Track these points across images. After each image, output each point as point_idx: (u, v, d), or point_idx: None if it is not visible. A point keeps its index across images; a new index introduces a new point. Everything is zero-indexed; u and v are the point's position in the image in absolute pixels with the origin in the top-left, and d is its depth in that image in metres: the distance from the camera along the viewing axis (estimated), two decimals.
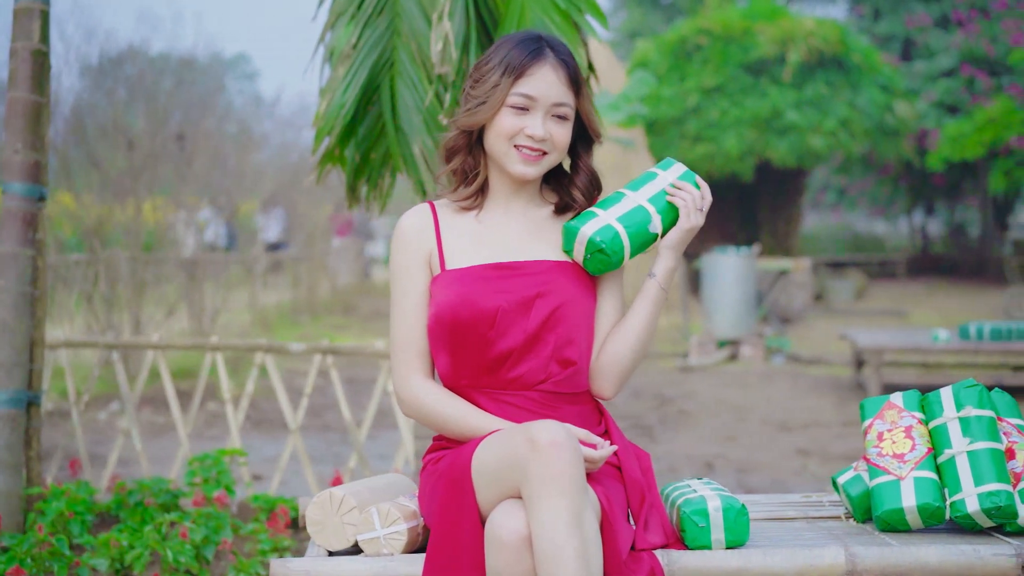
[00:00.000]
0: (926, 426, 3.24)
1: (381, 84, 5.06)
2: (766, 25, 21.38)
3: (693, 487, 3.17)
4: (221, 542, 4.97)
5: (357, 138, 5.11)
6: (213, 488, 5.54)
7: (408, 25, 5.00)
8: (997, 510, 3.06)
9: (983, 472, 3.09)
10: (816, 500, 3.54)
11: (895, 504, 3.12)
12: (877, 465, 3.19)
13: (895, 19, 28.51)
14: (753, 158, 21.42)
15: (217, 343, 6.24)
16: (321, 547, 3.10)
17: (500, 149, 3.09)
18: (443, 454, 3.08)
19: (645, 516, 2.98)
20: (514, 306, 3.01)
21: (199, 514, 5.04)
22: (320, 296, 18.64)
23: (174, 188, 12.93)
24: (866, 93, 21.59)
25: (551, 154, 3.09)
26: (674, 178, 3.14)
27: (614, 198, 3.13)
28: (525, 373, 3.02)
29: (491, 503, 2.81)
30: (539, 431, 2.71)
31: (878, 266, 28.84)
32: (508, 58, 3.08)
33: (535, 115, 3.06)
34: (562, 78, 3.07)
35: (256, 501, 5.68)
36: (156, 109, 11.73)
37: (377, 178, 5.25)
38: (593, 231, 3.04)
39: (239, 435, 6.35)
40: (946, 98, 25.41)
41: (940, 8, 27.87)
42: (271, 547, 5.09)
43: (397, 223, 3.18)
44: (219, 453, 5.69)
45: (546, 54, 3.07)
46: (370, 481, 3.27)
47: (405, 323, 3.12)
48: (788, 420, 10.07)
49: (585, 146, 3.18)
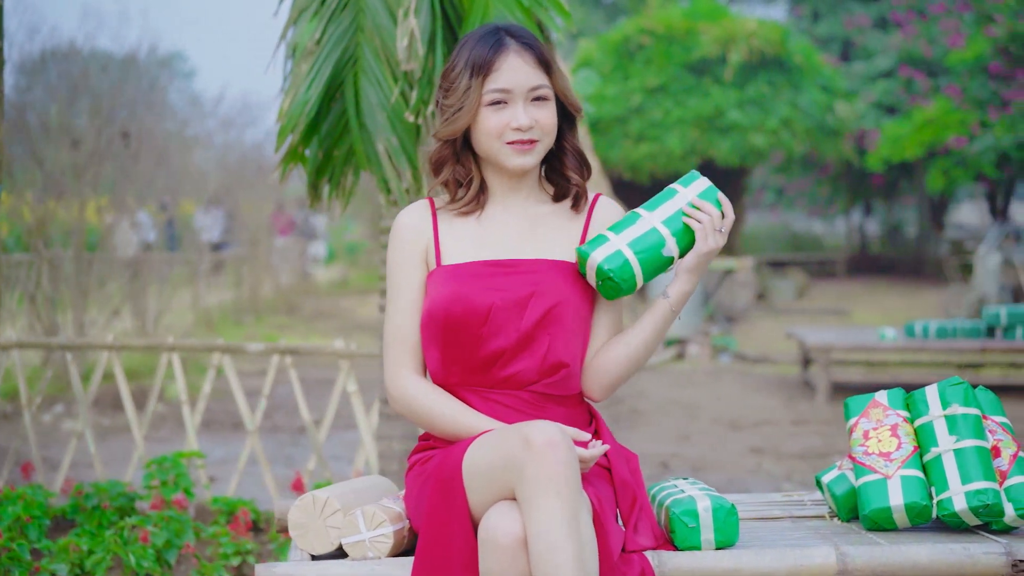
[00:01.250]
0: (911, 424, 3.22)
1: (345, 81, 5.00)
2: (708, 25, 21.48)
3: (680, 487, 3.14)
4: (183, 546, 4.89)
5: (320, 135, 5.04)
6: (172, 491, 5.46)
7: (372, 21, 4.93)
8: (984, 508, 3.04)
9: (970, 470, 3.08)
10: (798, 499, 3.52)
11: (882, 503, 3.10)
12: (863, 464, 3.17)
13: (834, 20, 28.74)
14: (696, 157, 21.53)
15: (173, 344, 6.15)
16: (304, 551, 3.04)
17: (492, 149, 3.03)
18: (430, 454, 3.02)
19: (635, 518, 2.94)
20: (508, 304, 2.96)
21: (160, 517, 4.96)
22: (263, 296, 18.49)
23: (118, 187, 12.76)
24: (807, 93, 21.76)
25: (543, 139, 3.03)
26: (694, 195, 3.03)
27: (629, 219, 3.03)
28: (517, 373, 2.97)
29: (483, 505, 2.76)
30: (534, 431, 2.66)
31: (818, 265, 29.04)
32: (472, 58, 3.03)
33: (515, 106, 3.00)
34: (530, 61, 3.01)
35: (216, 504, 5.60)
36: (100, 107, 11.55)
37: (340, 176, 5.19)
38: (603, 258, 2.95)
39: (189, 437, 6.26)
40: (885, 99, 25.62)
41: (878, 9, 28.12)
42: (234, 550, 5.01)
43: (395, 220, 3.13)
44: (177, 455, 5.61)
45: (508, 43, 3.02)
46: (352, 483, 3.21)
47: (398, 319, 3.07)
48: (739, 419, 10.10)
49: (568, 125, 3.12)
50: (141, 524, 4.90)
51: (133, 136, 12.05)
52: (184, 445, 7.37)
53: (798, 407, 10.78)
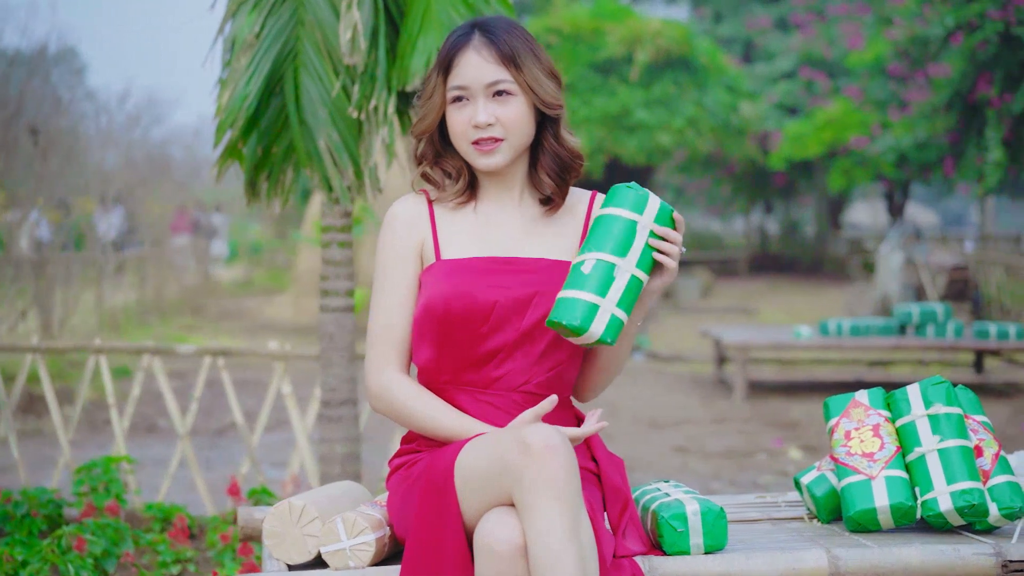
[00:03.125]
0: (893, 424, 3.19)
1: (285, 75, 4.88)
2: (614, 25, 21.55)
3: (664, 490, 3.08)
4: (122, 554, 4.73)
5: (259, 131, 4.91)
6: (103, 498, 5.29)
7: (313, 15, 4.82)
8: (970, 508, 3.02)
9: (955, 470, 3.05)
10: (772, 501, 3.48)
11: (867, 504, 3.06)
12: (846, 465, 3.13)
13: (736, 21, 29.02)
14: (603, 156, 21.60)
15: (101, 346, 5.97)
16: (280, 561, 2.92)
17: (462, 149, 2.97)
18: (414, 458, 2.93)
19: (624, 523, 2.87)
20: (511, 302, 2.87)
21: (97, 525, 4.80)
22: (167, 296, 18.16)
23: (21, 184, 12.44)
24: (712, 93, 21.93)
25: (508, 137, 2.92)
26: (652, 220, 2.85)
27: (606, 272, 2.78)
28: (510, 372, 2.89)
29: (476, 511, 2.66)
30: (532, 434, 2.57)
31: (720, 264, 29.29)
32: (440, 55, 2.98)
33: (475, 102, 2.92)
34: (490, 56, 2.91)
35: (150, 510, 5.44)
36: (7, 102, 11.24)
37: (279, 173, 5.06)
38: (602, 329, 2.76)
39: (110, 441, 6.09)
40: (786, 99, 25.91)
41: (779, 11, 28.43)
42: (173, 558, 4.88)
43: (389, 211, 3.03)
44: (106, 460, 5.44)
45: (471, 38, 2.94)
46: (325, 490, 3.10)
47: (386, 313, 2.97)
48: (659, 418, 10.10)
49: (549, 124, 3.00)
50: (78, 532, 4.72)
51: (41, 133, 11.74)
52: (110, 449, 7.19)
53: (716, 406, 10.81)
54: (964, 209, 54.76)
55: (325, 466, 5.13)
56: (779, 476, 7.87)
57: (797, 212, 36.03)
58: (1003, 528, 3.14)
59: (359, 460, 5.17)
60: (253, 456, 5.92)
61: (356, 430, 5.15)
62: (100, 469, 5.37)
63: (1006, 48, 15.18)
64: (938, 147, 18.49)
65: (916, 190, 34.48)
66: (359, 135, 4.88)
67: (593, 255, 2.80)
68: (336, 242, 5.13)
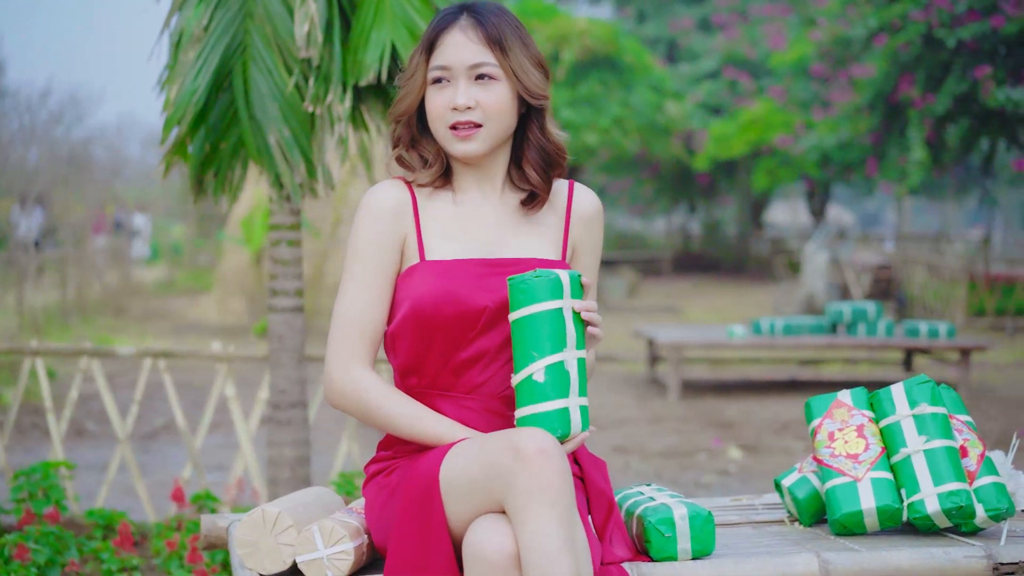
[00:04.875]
0: (876, 424, 3.13)
1: (233, 70, 4.76)
2: (540, 24, 21.51)
3: (647, 494, 3.00)
4: (67, 563, 4.58)
5: (207, 126, 4.78)
6: (42, 504, 5.13)
7: (263, 7, 4.71)
8: (958, 510, 2.97)
9: (942, 471, 2.99)
10: (748, 504, 3.42)
11: (853, 507, 3.00)
12: (830, 466, 3.07)
13: (659, 22, 29.11)
14: None
15: (38, 347, 5.80)
16: (253, 571, 2.80)
17: (439, 134, 2.83)
18: (392, 464, 2.81)
19: (610, 528, 2.78)
20: (498, 307, 2.76)
21: (40, 534, 4.64)
22: (89, 297, 17.83)
23: None
24: (638, 93, 21.98)
25: (487, 124, 2.80)
26: (570, 297, 2.68)
27: (559, 374, 2.64)
28: (491, 379, 2.78)
29: (463, 518, 2.56)
30: (524, 439, 2.48)
31: (645, 263, 29.37)
32: (424, 35, 2.85)
33: (456, 84, 2.80)
34: (476, 37, 2.79)
35: (92, 517, 5.28)
36: None
37: (227, 170, 4.93)
38: (580, 426, 2.67)
39: (38, 445, 5.92)
40: (710, 99, 26.03)
41: (702, 11, 28.56)
42: (119, 567, 4.73)
43: (368, 196, 2.86)
44: (44, 466, 5.28)
45: (459, 18, 2.82)
46: (297, 496, 2.98)
47: (359, 305, 2.81)
48: (596, 417, 10.03)
49: (535, 115, 2.88)
50: (20, 541, 4.56)
51: None
52: (39, 454, 7.01)
53: (651, 405, 10.78)
54: (880, 209, 55.51)
55: (274, 470, 5.01)
56: (721, 476, 7.86)
57: (718, 212, 36.25)
58: (988, 530, 3.09)
59: (309, 464, 5.05)
60: (196, 460, 5.77)
61: (306, 433, 5.03)
62: (39, 475, 5.21)
63: (928, 49, 15.34)
64: (861, 147, 18.64)
65: (833, 190, 34.79)
66: (312, 131, 4.77)
67: (540, 363, 2.64)
68: (285, 241, 5.01)
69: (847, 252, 20.19)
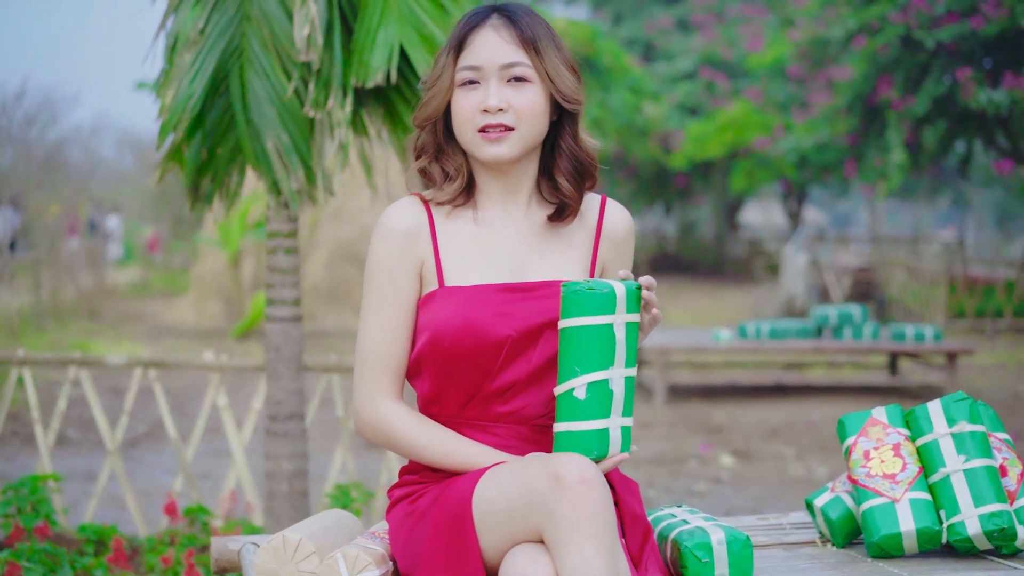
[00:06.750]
0: (913, 443, 3.03)
1: (230, 74, 4.64)
2: None
3: (680, 516, 2.88)
4: None
5: (204, 131, 4.66)
6: (31, 519, 4.98)
7: (260, 10, 4.58)
8: (1000, 532, 2.87)
9: (983, 492, 2.90)
10: (776, 523, 3.32)
11: (892, 528, 2.90)
12: (867, 487, 2.96)
13: (636, 23, 29.01)
14: None
15: (25, 357, 5.65)
16: None
17: (465, 138, 2.69)
18: (419, 490, 2.69)
19: (647, 554, 2.66)
20: (522, 335, 2.63)
21: (33, 551, 4.50)
22: (63, 300, 17.62)
23: None
24: (616, 94, 21.90)
25: (519, 127, 2.66)
26: (625, 312, 2.52)
27: (602, 393, 2.51)
28: (522, 408, 2.66)
29: (498, 547, 2.45)
30: (564, 466, 2.36)
31: None
32: (453, 35, 2.72)
33: (487, 85, 2.66)
34: (509, 37, 2.66)
35: (83, 532, 5.14)
36: None
37: (224, 176, 4.81)
38: (619, 447, 2.54)
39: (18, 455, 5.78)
40: (687, 100, 25.96)
41: (679, 12, 28.50)
42: None
43: (383, 217, 2.73)
44: (33, 479, 5.13)
45: (490, 17, 2.69)
46: (317, 520, 2.85)
47: (379, 336, 2.70)
48: None
49: (568, 121, 2.74)
50: (12, 559, 4.43)
51: None
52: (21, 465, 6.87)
53: (638, 410, 10.68)
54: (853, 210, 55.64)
55: (271, 483, 4.89)
56: (714, 483, 7.78)
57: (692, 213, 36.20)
58: None
59: (306, 477, 4.93)
60: (188, 472, 5.65)
61: (303, 445, 4.91)
62: (27, 488, 5.06)
63: (907, 51, 15.31)
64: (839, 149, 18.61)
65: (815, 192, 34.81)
66: (310, 136, 4.65)
67: (582, 379, 2.50)
68: (283, 248, 4.88)
69: (827, 254, 20.17)
